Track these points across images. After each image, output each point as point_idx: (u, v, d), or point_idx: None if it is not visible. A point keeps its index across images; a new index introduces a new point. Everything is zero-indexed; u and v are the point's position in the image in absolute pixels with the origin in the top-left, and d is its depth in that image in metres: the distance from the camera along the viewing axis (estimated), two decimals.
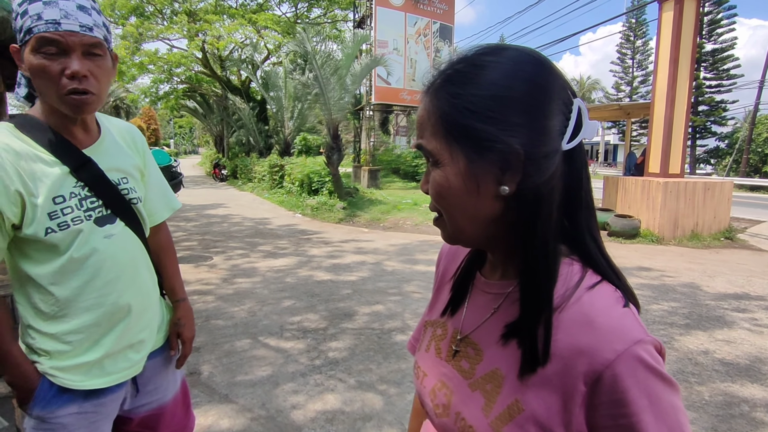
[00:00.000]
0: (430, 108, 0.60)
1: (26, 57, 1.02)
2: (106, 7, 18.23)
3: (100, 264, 1.13)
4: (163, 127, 53.24)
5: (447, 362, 0.70)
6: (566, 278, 0.59)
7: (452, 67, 0.60)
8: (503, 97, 0.56)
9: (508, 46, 0.60)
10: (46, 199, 1.05)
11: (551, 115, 0.57)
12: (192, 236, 8.46)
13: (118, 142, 1.25)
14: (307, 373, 3.28)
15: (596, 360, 0.53)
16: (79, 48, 1.03)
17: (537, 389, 0.57)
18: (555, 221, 0.58)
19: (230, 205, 13.32)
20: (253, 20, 18.94)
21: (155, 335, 1.31)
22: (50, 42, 1.00)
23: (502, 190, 0.57)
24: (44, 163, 1.06)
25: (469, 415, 0.63)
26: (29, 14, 1.00)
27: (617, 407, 0.52)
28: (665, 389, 0.54)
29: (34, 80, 1.04)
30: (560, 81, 0.59)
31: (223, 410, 2.81)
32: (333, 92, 11.57)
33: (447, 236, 0.65)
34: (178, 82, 24.42)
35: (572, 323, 0.56)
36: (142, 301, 1.23)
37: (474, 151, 0.57)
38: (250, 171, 18.71)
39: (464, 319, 0.70)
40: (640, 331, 0.55)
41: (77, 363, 1.13)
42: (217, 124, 26.74)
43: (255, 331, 4.03)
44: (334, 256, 7.07)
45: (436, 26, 17.94)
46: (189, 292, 5.02)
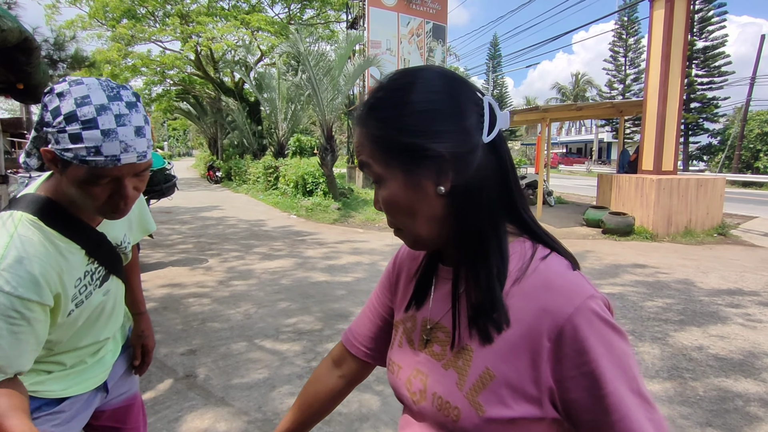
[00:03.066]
0: (364, 134, 0.67)
1: (71, 176, 0.92)
2: (99, 10, 18.11)
3: (96, 317, 1.18)
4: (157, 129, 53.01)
5: (420, 351, 0.75)
6: (521, 253, 0.67)
7: (374, 96, 0.68)
8: (422, 111, 0.63)
9: (419, 68, 0.68)
10: (71, 287, 1.04)
11: (466, 116, 0.64)
12: (187, 239, 8.43)
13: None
14: (303, 375, 3.28)
15: (558, 315, 0.60)
16: (132, 174, 0.97)
17: (505, 355, 0.63)
18: (489, 203, 0.65)
19: (225, 207, 13.28)
20: (246, 21, 18.87)
21: (120, 342, 1.38)
22: (107, 176, 0.92)
23: (439, 191, 0.64)
24: (69, 254, 1.03)
25: (445, 392, 0.67)
26: (84, 143, 0.87)
27: (579, 356, 0.59)
28: (616, 337, 0.60)
29: (73, 191, 0.96)
30: (467, 86, 0.67)
31: (220, 413, 2.81)
32: (326, 93, 11.56)
33: (409, 244, 0.72)
34: (171, 84, 24.32)
35: (533, 288, 0.63)
36: (116, 322, 1.30)
37: (408, 163, 0.64)
38: (245, 173, 18.66)
39: (432, 308, 0.76)
40: (591, 289, 0.62)
41: (50, 378, 1.14)
42: (210, 126, 26.65)
43: (251, 333, 4.03)
44: (329, 257, 7.07)
45: (429, 26, 17.95)
46: (185, 295, 5.04)
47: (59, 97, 0.89)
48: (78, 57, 7.05)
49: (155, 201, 6.55)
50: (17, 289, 0.91)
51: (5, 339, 0.90)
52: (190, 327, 4.17)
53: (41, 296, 0.95)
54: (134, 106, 0.94)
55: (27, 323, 0.93)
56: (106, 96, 0.90)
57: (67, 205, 1.04)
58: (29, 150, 1.05)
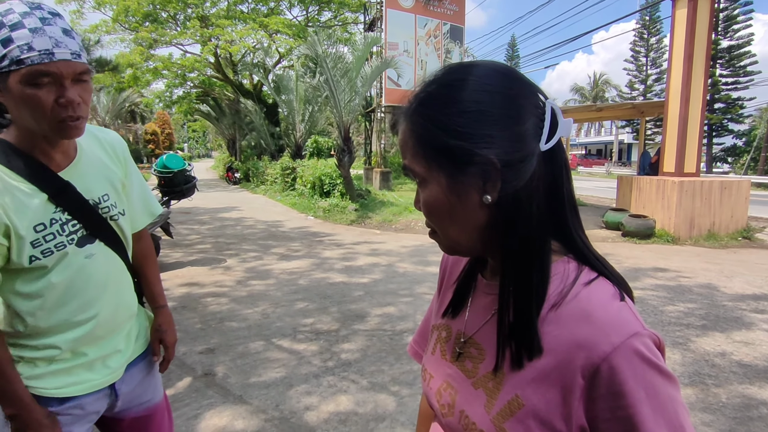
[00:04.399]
0: (408, 132, 0.63)
1: (12, 86, 0.96)
2: (121, 13, 18.51)
3: (81, 283, 1.15)
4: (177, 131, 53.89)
5: (452, 363, 0.72)
6: (563, 276, 0.61)
7: (424, 89, 0.62)
8: (472, 112, 0.58)
9: (476, 63, 0.63)
10: (28, 229, 1.05)
11: (523, 120, 0.58)
12: (206, 239, 8.55)
13: (98, 157, 1.23)
14: (320, 375, 3.30)
15: (594, 353, 0.54)
16: (71, 76, 1.00)
17: (536, 384, 0.58)
18: (538, 219, 0.60)
19: (243, 207, 13.43)
20: (264, 24, 19.09)
21: (132, 344, 1.33)
22: (45, 74, 0.96)
23: (485, 199, 0.59)
24: (23, 193, 1.06)
25: (472, 412, 0.64)
26: (15, 43, 0.93)
27: (615, 399, 0.54)
28: (663, 382, 0.55)
29: (19, 110, 1.00)
30: (528, 87, 0.61)
31: (238, 411, 2.84)
32: (343, 95, 11.62)
33: (444, 249, 0.68)
34: (191, 86, 24.71)
35: (570, 318, 0.58)
36: (120, 314, 1.25)
37: (453, 167, 0.59)
38: (263, 174, 18.85)
39: (467, 320, 0.72)
40: (636, 325, 0.56)
41: (51, 371, 1.15)
42: (229, 128, 26.98)
43: (268, 333, 4.07)
44: (346, 258, 7.10)
45: (447, 27, 17.92)
46: (203, 294, 5.11)
47: None
48: (102, 61, 7.22)
49: (176, 201, 6.66)
50: None
51: None
52: (208, 326, 4.23)
53: None
54: (57, 14, 1.00)
55: None
56: (27, 6, 0.98)
57: (25, 148, 1.08)
58: None
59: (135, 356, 1.34)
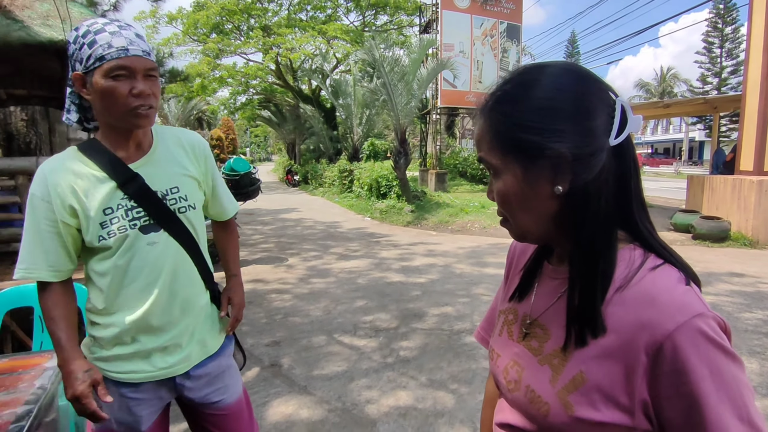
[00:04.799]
0: (485, 126, 0.69)
1: (96, 81, 1.15)
2: (190, 26, 19.67)
3: (141, 268, 1.27)
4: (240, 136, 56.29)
5: (518, 343, 0.77)
6: (629, 261, 0.65)
7: (501, 88, 0.68)
8: (546, 109, 0.63)
9: (549, 63, 0.68)
10: (97, 211, 1.22)
11: (594, 116, 0.63)
12: (269, 239, 8.93)
13: (172, 153, 1.35)
14: (380, 370, 3.40)
15: (657, 332, 0.58)
16: (142, 71, 1.18)
17: (600, 361, 0.62)
18: (606, 211, 0.64)
19: (303, 209, 13.87)
20: (322, 31, 19.65)
21: (198, 347, 1.40)
22: (122, 67, 1.15)
23: (556, 190, 0.64)
24: (97, 180, 1.23)
25: (538, 386, 0.69)
26: (99, 43, 1.14)
27: (678, 376, 0.56)
28: (727, 361, 0.57)
29: (102, 101, 1.17)
30: (599, 85, 0.65)
31: (302, 401, 3.00)
32: (400, 98, 11.74)
33: (515, 236, 0.74)
34: (253, 93, 25.79)
35: (634, 300, 0.61)
36: (175, 305, 1.33)
37: (527, 159, 0.64)
38: (321, 176, 19.35)
39: (533, 303, 0.77)
40: (700, 306, 0.59)
41: (115, 354, 1.30)
42: (289, 132, 27.88)
43: (330, 328, 4.23)
44: (403, 258, 7.19)
45: (503, 26, 17.64)
46: (268, 291, 5.37)
47: (75, 30, 1.20)
48: (174, 72, 7.77)
49: (241, 203, 7.03)
50: (33, 188, 1.22)
51: (30, 232, 1.21)
52: (273, 320, 4.45)
53: (43, 194, 1.20)
54: (128, 25, 1.22)
55: (37, 221, 1.20)
56: (108, 19, 1.21)
57: (106, 143, 1.27)
58: (68, 106, 1.29)
59: (202, 359, 1.41)
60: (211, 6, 19.73)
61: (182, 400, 1.43)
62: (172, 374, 1.35)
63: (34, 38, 2.73)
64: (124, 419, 1.31)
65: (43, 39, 2.76)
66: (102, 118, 1.24)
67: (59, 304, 1.24)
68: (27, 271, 1.20)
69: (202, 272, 1.40)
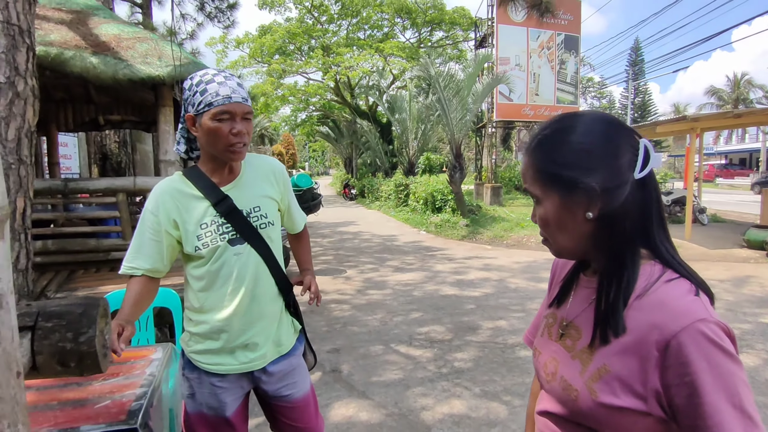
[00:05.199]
0: (529, 163, 0.85)
1: (204, 122, 1.42)
2: (257, 50, 20.85)
3: (229, 274, 1.50)
4: (300, 151, 58.31)
5: (556, 342, 0.91)
6: (649, 275, 0.78)
7: (542, 132, 0.85)
8: (579, 150, 0.79)
9: (583, 112, 0.85)
10: (194, 225, 1.48)
11: (619, 156, 0.78)
12: (327, 251, 9.29)
13: (256, 178, 1.60)
14: (434, 380, 3.55)
15: (665, 331, 0.71)
16: (241, 114, 1.44)
17: (620, 356, 0.76)
18: (630, 233, 0.78)
19: (360, 222, 14.24)
20: (379, 49, 20.20)
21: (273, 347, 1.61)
22: (225, 112, 1.41)
23: (587, 216, 0.79)
24: (195, 199, 1.50)
25: (570, 377, 0.83)
26: (209, 92, 1.41)
27: (682, 368, 0.69)
28: (725, 359, 0.68)
29: (207, 138, 1.44)
30: (625, 130, 0.81)
31: (362, 405, 3.19)
32: (455, 113, 11.89)
33: (554, 253, 0.89)
34: (313, 110, 26.79)
35: (649, 306, 0.75)
36: (258, 309, 1.55)
37: (564, 191, 0.80)
38: (377, 190, 19.72)
39: (569, 309, 0.92)
40: (704, 313, 0.71)
41: (205, 348, 1.54)
42: (346, 147, 28.65)
43: (387, 338, 4.42)
44: (458, 272, 7.29)
45: (561, 38, 17.39)
46: (328, 301, 5.65)
47: (190, 79, 1.47)
48: None
49: None
50: (147, 203, 1.50)
51: (137, 237, 1.51)
52: (333, 329, 4.71)
53: (153, 208, 1.48)
54: (233, 76, 1.49)
55: (144, 228, 1.49)
56: (216, 70, 1.48)
57: (204, 170, 1.53)
58: (178, 139, 1.59)
59: (276, 357, 1.62)
60: (276, 30, 20.89)
61: (258, 391, 1.67)
62: (251, 369, 1.57)
63: (136, 75, 3.17)
64: (212, 404, 1.57)
65: (143, 75, 3.20)
66: (205, 150, 1.51)
67: (138, 290, 1.50)
68: (128, 268, 1.51)
69: (277, 280, 1.60)
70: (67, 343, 0.64)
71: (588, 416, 0.79)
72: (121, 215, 3.68)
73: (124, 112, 5.30)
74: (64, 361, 0.64)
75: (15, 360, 0.55)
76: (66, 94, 5.10)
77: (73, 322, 0.65)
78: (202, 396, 1.55)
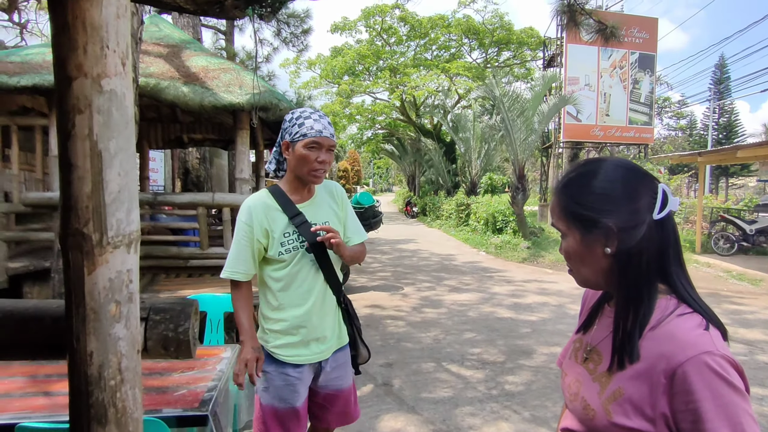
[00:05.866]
0: (556, 201, 0.96)
1: (297, 148, 1.73)
2: (328, 72, 21.81)
3: (306, 276, 1.78)
4: (364, 167, 59.55)
5: (580, 365, 0.99)
6: (664, 308, 0.86)
7: (568, 176, 0.96)
8: (599, 194, 0.89)
9: (606, 158, 0.95)
10: (279, 234, 1.76)
11: (637, 200, 0.87)
12: (386, 267, 9.49)
13: (325, 198, 1.90)
14: (484, 400, 3.58)
15: (672, 361, 0.79)
16: (327, 146, 1.75)
17: (633, 381, 0.84)
18: (647, 268, 0.86)
19: (419, 240, 14.36)
20: (445, 69, 20.45)
21: (336, 339, 1.89)
22: (316, 143, 1.72)
23: (606, 251, 0.88)
24: (278, 212, 1.78)
25: (589, 397, 0.91)
26: (305, 126, 1.72)
27: (687, 395, 0.76)
28: (729, 390, 0.75)
29: (297, 161, 1.74)
30: (643, 176, 0.90)
31: (410, 419, 3.30)
32: (519, 133, 11.80)
33: (579, 283, 0.97)
34: (378, 128, 27.43)
35: (661, 337, 0.83)
36: (325, 308, 1.84)
37: (584, 228, 0.90)
38: (439, 209, 19.78)
39: (593, 335, 1.00)
40: (711, 346, 0.78)
41: (285, 342, 1.78)
42: (410, 165, 28.96)
43: (439, 356, 4.50)
44: (515, 294, 7.22)
45: (635, 57, 16.78)
46: (384, 316, 5.83)
47: (291, 113, 1.79)
48: None
49: None
50: (240, 216, 1.76)
51: (233, 245, 1.77)
52: (387, 344, 4.85)
53: (247, 220, 1.74)
54: (324, 116, 1.80)
55: (241, 237, 1.74)
56: (313, 109, 1.81)
57: (285, 190, 1.81)
58: (270, 160, 1.92)
59: (336, 348, 1.90)
60: (347, 52, 21.77)
61: (313, 383, 1.90)
62: (322, 358, 1.84)
63: (220, 102, 3.57)
64: (285, 396, 1.79)
65: (226, 102, 3.59)
66: (292, 171, 1.81)
67: (244, 297, 1.82)
68: (229, 272, 1.78)
69: (334, 282, 1.87)
70: (169, 332, 0.84)
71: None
72: (200, 227, 4.08)
73: (205, 132, 5.84)
74: (167, 346, 0.84)
75: (137, 340, 0.75)
76: (156, 114, 5.71)
77: (174, 317, 0.85)
78: (277, 389, 1.79)
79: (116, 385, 0.72)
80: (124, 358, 0.72)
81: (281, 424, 1.78)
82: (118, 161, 0.67)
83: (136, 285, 0.74)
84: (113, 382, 0.71)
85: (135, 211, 0.72)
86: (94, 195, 0.65)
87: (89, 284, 0.68)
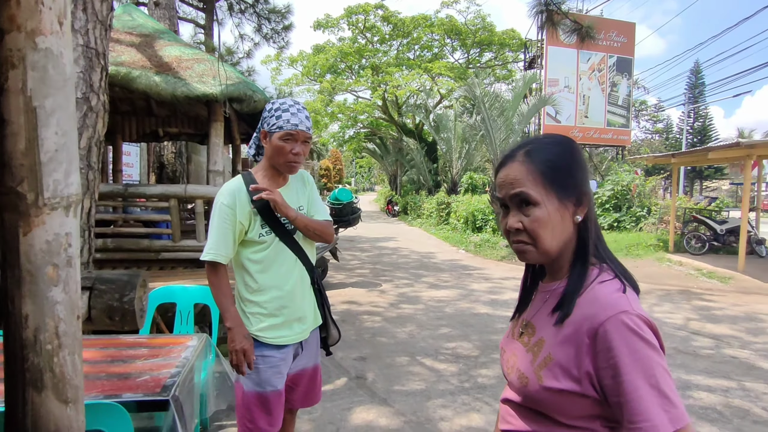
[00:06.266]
0: (527, 168, 0.92)
1: (273, 139, 1.78)
2: (310, 69, 21.70)
3: (286, 257, 1.83)
4: (347, 167, 59.44)
5: (516, 339, 1.04)
6: (589, 276, 0.92)
7: (526, 145, 0.96)
8: (573, 161, 0.94)
9: (550, 134, 1.01)
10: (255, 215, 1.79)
11: (587, 170, 0.96)
12: (365, 265, 9.49)
13: (297, 184, 1.96)
14: (456, 393, 3.61)
15: (594, 321, 0.84)
16: (302, 138, 1.81)
17: (561, 345, 0.89)
18: (594, 237, 0.93)
19: (400, 238, 14.39)
20: (428, 69, 20.53)
21: (313, 318, 1.94)
22: (291, 134, 1.78)
23: (576, 219, 0.92)
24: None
25: (523, 367, 0.96)
26: (282, 118, 1.78)
27: (607, 352, 0.81)
28: (643, 345, 0.80)
29: (273, 151, 1.79)
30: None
31: (382, 411, 3.31)
32: (499, 133, 11.94)
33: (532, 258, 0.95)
34: (360, 127, 27.41)
35: (585, 301, 0.89)
36: (303, 288, 1.90)
37: (563, 194, 0.91)
38: (419, 208, 19.88)
39: (528, 311, 1.05)
40: (627, 306, 0.84)
41: (269, 324, 1.80)
42: (391, 164, 29.02)
43: (413, 350, 4.52)
44: (493, 291, 7.29)
45: (613, 60, 17.10)
46: (360, 312, 5.83)
47: (271, 104, 1.84)
48: None
49: (343, 229, 7.65)
50: (221, 199, 1.77)
51: (215, 228, 1.76)
52: (362, 338, 4.86)
53: (229, 202, 1.76)
54: (303, 109, 1.84)
55: (223, 220, 1.75)
56: (292, 101, 1.85)
57: (259, 177, 1.85)
58: (251, 145, 1.97)
59: (313, 327, 1.97)
60: (329, 49, 21.69)
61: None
62: (303, 338, 1.90)
63: (192, 92, 3.52)
64: (271, 379, 1.81)
65: (199, 93, 3.54)
66: (267, 159, 1.86)
67: (224, 281, 1.82)
68: (213, 254, 1.78)
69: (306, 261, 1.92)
70: (114, 302, 0.83)
71: (536, 400, 0.92)
72: (172, 219, 4.02)
73: (181, 125, 5.76)
74: (111, 315, 0.83)
75: (77, 305, 0.74)
76: (131, 107, 5.61)
77: (120, 287, 0.85)
78: (261, 373, 1.80)
79: (53, 350, 0.71)
80: (62, 323, 0.71)
81: (265, 408, 1.79)
82: (54, 120, 0.66)
83: (75, 249, 0.73)
84: (50, 346, 0.70)
85: (75, 173, 0.71)
86: (29, 153, 0.64)
87: (24, 245, 0.67)
